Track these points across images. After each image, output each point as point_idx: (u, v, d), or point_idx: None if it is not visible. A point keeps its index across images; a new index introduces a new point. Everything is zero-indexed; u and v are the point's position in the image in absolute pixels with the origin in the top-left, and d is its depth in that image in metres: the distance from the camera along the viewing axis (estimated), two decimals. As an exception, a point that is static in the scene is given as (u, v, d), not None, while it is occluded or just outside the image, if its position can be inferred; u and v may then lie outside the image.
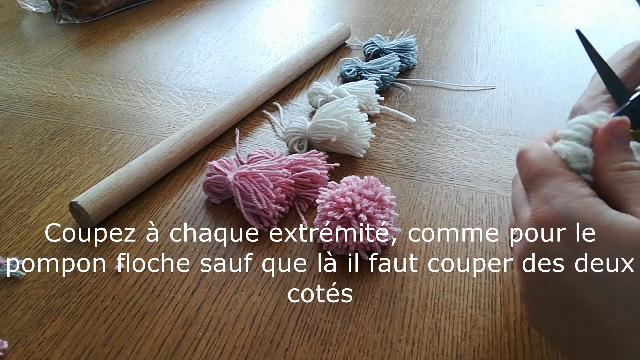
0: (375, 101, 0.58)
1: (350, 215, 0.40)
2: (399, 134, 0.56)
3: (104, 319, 0.37)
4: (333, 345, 0.36)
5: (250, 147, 0.54)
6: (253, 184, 0.44)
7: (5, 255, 0.42)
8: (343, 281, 0.40)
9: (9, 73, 0.66)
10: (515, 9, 0.88)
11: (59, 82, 0.65)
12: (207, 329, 0.37)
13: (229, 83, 0.65)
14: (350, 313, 0.38)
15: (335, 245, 0.41)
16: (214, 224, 0.45)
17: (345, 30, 0.73)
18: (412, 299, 0.39)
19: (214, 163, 0.47)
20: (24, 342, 0.36)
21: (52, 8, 0.82)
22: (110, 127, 0.57)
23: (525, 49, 0.49)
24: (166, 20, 0.81)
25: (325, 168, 0.48)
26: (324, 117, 0.50)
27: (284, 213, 0.46)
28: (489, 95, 0.64)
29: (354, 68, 0.64)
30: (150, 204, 0.47)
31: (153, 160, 0.48)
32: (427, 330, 0.37)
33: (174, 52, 0.72)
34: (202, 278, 0.40)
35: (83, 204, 0.42)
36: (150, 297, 0.39)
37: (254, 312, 0.38)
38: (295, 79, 0.65)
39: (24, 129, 0.56)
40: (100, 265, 0.41)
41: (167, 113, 0.59)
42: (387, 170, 0.51)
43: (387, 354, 0.35)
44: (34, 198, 0.47)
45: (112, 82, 0.65)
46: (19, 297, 0.39)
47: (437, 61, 0.70)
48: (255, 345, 0.36)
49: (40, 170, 0.50)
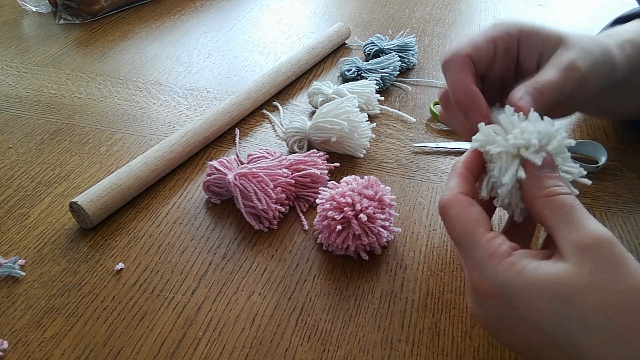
0: (375, 101, 0.58)
1: (350, 215, 0.40)
2: (399, 134, 0.56)
3: (104, 319, 0.37)
4: (333, 345, 0.36)
5: (250, 147, 0.54)
6: (253, 184, 0.44)
7: (5, 255, 0.42)
8: (343, 281, 0.40)
9: (9, 73, 0.66)
10: (515, 8, 0.88)
11: (59, 82, 0.65)
12: (207, 329, 0.37)
13: (229, 83, 0.65)
14: (350, 313, 0.38)
15: (335, 245, 0.41)
16: (214, 224, 0.45)
17: (345, 30, 0.73)
18: (412, 299, 0.39)
19: (214, 163, 0.47)
20: (24, 342, 0.36)
21: (52, 8, 0.82)
22: (110, 127, 0.57)
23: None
24: (166, 20, 0.81)
25: (325, 168, 0.48)
26: (324, 117, 0.50)
27: (284, 213, 0.46)
28: (489, 95, 0.64)
29: (354, 68, 0.64)
30: (150, 204, 0.47)
31: (153, 160, 0.48)
32: (427, 330, 0.37)
33: (174, 52, 0.72)
34: (202, 278, 0.40)
35: (83, 203, 0.42)
36: (150, 297, 0.39)
37: (254, 312, 0.38)
38: (295, 79, 0.65)
39: (24, 129, 0.56)
40: (100, 265, 0.41)
41: (167, 113, 0.59)
42: (387, 170, 0.51)
43: (387, 354, 0.35)
44: (34, 198, 0.47)
45: (112, 82, 0.65)
46: (19, 297, 0.39)
47: (437, 61, 0.70)
48: (255, 345, 0.36)
49: (40, 170, 0.50)
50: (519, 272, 0.26)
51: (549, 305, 0.25)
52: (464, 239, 0.29)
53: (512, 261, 0.27)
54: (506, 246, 0.28)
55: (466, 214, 0.30)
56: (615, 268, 0.25)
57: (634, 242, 0.44)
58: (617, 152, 0.54)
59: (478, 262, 0.28)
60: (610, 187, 0.50)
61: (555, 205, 0.28)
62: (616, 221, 0.46)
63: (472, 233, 0.29)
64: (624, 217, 0.47)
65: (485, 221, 0.29)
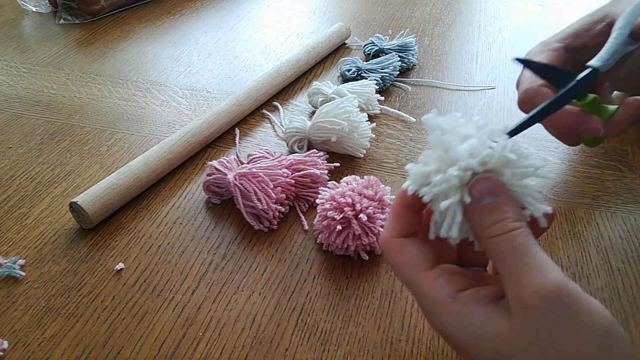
0: (375, 101, 0.58)
1: (350, 215, 0.40)
2: (399, 134, 0.56)
3: (104, 319, 0.37)
4: (333, 345, 0.36)
5: (250, 147, 0.54)
6: (253, 184, 0.44)
7: (5, 255, 0.42)
8: (343, 281, 0.40)
9: (9, 73, 0.66)
10: (515, 8, 0.88)
11: (59, 82, 0.65)
12: (207, 329, 0.37)
13: (229, 83, 0.65)
14: (350, 313, 0.38)
15: (335, 245, 0.41)
16: (214, 224, 0.45)
17: (345, 30, 0.73)
18: (412, 299, 0.39)
19: (214, 163, 0.47)
20: (24, 342, 0.36)
21: (52, 8, 0.82)
22: (110, 127, 0.57)
23: (525, 49, 0.49)
24: (166, 20, 0.81)
25: (325, 168, 0.48)
26: (324, 117, 0.50)
27: (284, 213, 0.46)
28: (489, 95, 0.64)
29: (354, 68, 0.64)
30: (150, 204, 0.47)
31: (153, 160, 0.48)
32: (427, 330, 0.37)
33: (174, 52, 0.72)
34: (202, 278, 0.40)
35: (83, 204, 0.42)
36: (150, 297, 0.39)
37: (254, 312, 0.38)
38: (295, 79, 0.65)
39: (24, 129, 0.56)
40: (100, 265, 0.41)
41: (167, 113, 0.59)
42: (387, 170, 0.51)
43: (387, 354, 0.35)
44: (34, 198, 0.47)
45: (112, 82, 0.65)
46: (19, 297, 0.39)
47: (437, 61, 0.70)
48: (255, 345, 0.36)
49: (40, 170, 0.50)
50: (461, 324, 0.26)
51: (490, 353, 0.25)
52: (406, 282, 0.28)
53: (454, 310, 0.26)
54: (447, 290, 0.26)
55: (402, 258, 0.28)
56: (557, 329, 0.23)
57: (634, 242, 0.44)
58: (617, 152, 0.54)
59: (424, 307, 0.27)
60: (610, 187, 0.50)
61: (496, 249, 0.25)
62: (616, 221, 0.46)
63: (411, 278, 0.27)
64: (624, 217, 0.47)
65: (423, 260, 0.27)
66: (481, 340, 0.25)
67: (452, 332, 0.26)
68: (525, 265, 0.24)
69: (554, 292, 0.23)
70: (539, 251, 0.25)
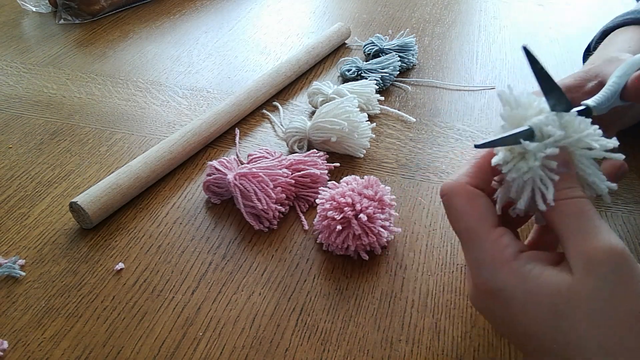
0: (375, 101, 0.58)
1: (350, 215, 0.40)
2: (399, 134, 0.56)
3: (104, 319, 0.37)
4: (333, 345, 0.36)
5: (250, 147, 0.54)
6: (253, 184, 0.44)
7: (5, 255, 0.42)
8: (343, 281, 0.40)
9: (9, 73, 0.66)
10: (515, 8, 0.88)
11: (59, 82, 0.65)
12: (207, 329, 0.37)
13: (229, 83, 0.65)
14: (350, 313, 0.38)
15: (335, 245, 0.41)
16: (214, 224, 0.45)
17: (345, 30, 0.73)
18: (412, 299, 0.39)
19: (214, 163, 0.47)
20: (24, 342, 0.36)
21: (52, 8, 0.82)
22: (110, 127, 0.57)
23: (525, 49, 0.50)
24: (166, 20, 0.81)
25: (325, 168, 0.48)
26: (324, 117, 0.50)
27: (284, 213, 0.46)
28: (489, 95, 0.64)
29: (354, 68, 0.64)
30: (150, 204, 0.47)
31: (153, 160, 0.48)
32: (427, 330, 0.37)
33: (174, 52, 0.72)
34: (202, 278, 0.40)
35: (83, 204, 0.42)
36: (150, 297, 0.39)
37: (254, 312, 0.38)
38: (295, 79, 0.65)
39: (24, 129, 0.56)
40: (100, 265, 0.41)
41: (167, 113, 0.59)
42: (387, 170, 0.51)
43: (387, 354, 0.35)
44: (34, 198, 0.47)
45: (112, 82, 0.65)
46: (19, 297, 0.39)
47: (437, 61, 0.70)
48: (255, 345, 0.36)
49: (40, 170, 0.50)
50: (520, 279, 0.26)
51: (547, 317, 0.25)
52: (467, 233, 0.28)
53: (515, 267, 0.26)
54: (512, 249, 0.27)
55: (471, 207, 0.28)
56: (620, 287, 0.24)
57: (634, 242, 0.44)
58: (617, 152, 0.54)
59: (480, 262, 0.27)
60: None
61: (565, 210, 0.26)
62: (616, 221, 0.46)
63: (476, 230, 0.27)
64: (624, 217, 0.47)
65: (492, 215, 0.28)
66: (539, 294, 0.25)
67: (507, 287, 0.26)
68: (594, 227, 0.26)
69: (619, 252, 0.25)
70: (603, 221, 0.27)
